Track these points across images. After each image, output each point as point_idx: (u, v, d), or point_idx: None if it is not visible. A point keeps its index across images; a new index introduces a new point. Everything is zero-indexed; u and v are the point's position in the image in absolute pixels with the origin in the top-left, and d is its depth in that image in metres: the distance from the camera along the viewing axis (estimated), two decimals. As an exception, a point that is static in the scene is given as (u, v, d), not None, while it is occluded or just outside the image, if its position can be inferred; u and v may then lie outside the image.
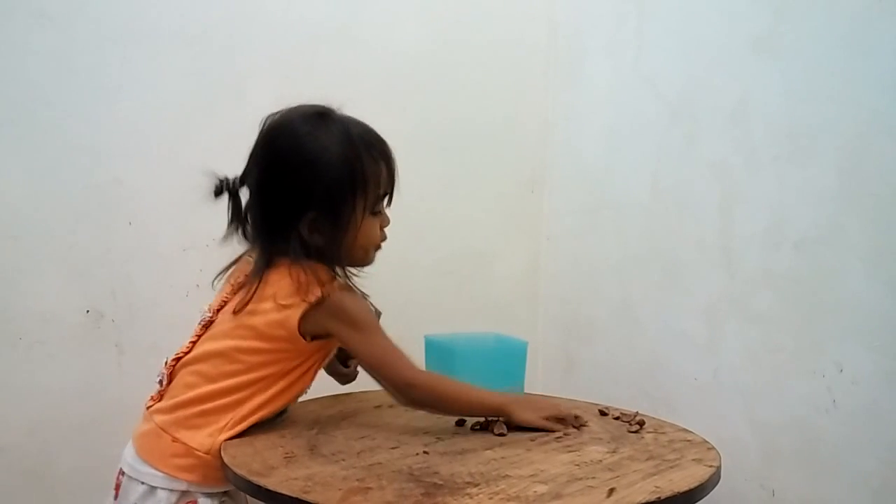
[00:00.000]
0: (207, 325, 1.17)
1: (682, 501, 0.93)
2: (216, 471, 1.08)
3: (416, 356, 1.37)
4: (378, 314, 1.20)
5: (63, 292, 1.41)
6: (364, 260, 1.19)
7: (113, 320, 1.45)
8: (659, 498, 0.90)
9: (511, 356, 1.35)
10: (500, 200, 1.86)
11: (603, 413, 1.29)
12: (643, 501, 0.89)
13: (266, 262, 1.13)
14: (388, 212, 1.20)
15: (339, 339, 1.14)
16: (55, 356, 1.41)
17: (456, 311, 1.77)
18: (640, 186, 1.64)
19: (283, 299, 1.10)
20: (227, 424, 1.10)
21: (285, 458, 1.03)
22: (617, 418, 1.26)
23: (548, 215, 1.90)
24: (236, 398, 1.11)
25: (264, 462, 1.01)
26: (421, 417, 1.23)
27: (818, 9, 1.31)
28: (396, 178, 1.17)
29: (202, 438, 1.09)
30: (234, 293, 1.15)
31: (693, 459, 1.06)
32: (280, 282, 1.11)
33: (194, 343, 1.16)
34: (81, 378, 1.43)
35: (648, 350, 1.63)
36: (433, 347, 1.37)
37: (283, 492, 0.91)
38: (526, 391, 1.43)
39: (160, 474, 1.09)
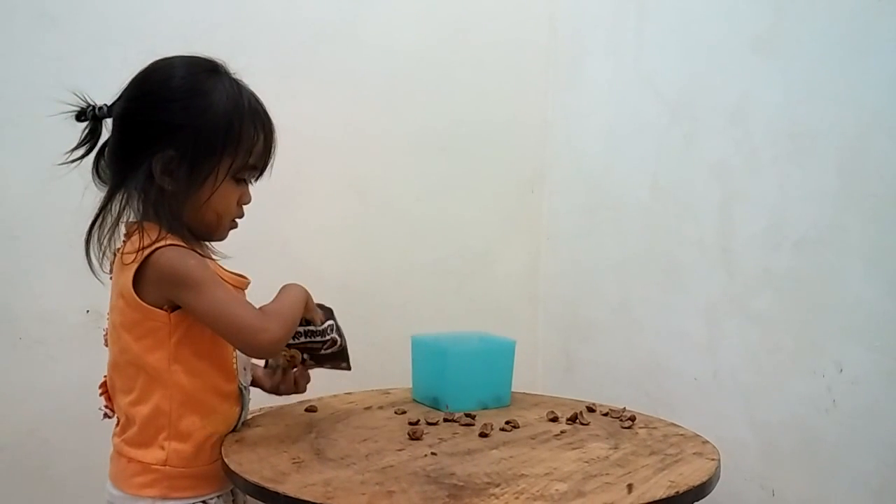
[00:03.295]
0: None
1: (696, 494, 0.95)
2: (182, 480, 1.06)
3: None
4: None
5: (63, 292, 1.41)
6: (215, 228, 1.11)
7: (113, 320, 1.45)
8: (677, 492, 0.93)
9: (498, 355, 1.36)
10: (500, 200, 1.86)
11: (591, 409, 1.31)
12: (663, 497, 0.91)
13: (111, 194, 1.06)
14: (254, 190, 1.14)
15: (180, 304, 1.04)
16: (55, 356, 1.42)
17: (456, 311, 1.77)
18: (639, 186, 1.64)
19: (126, 259, 1.04)
20: (169, 432, 1.06)
21: (294, 463, 1.01)
22: (605, 415, 1.28)
23: (548, 215, 1.90)
24: (156, 400, 1.05)
25: (273, 468, 0.99)
26: (414, 418, 1.23)
27: (818, 9, 1.31)
28: (271, 158, 1.12)
29: (155, 452, 1.06)
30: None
31: (694, 453, 1.09)
32: (126, 243, 1.06)
33: None
34: (81, 378, 1.42)
35: (648, 350, 1.63)
36: (420, 347, 1.37)
37: (306, 498, 0.89)
38: (526, 391, 1.43)
39: (125, 495, 1.06)
